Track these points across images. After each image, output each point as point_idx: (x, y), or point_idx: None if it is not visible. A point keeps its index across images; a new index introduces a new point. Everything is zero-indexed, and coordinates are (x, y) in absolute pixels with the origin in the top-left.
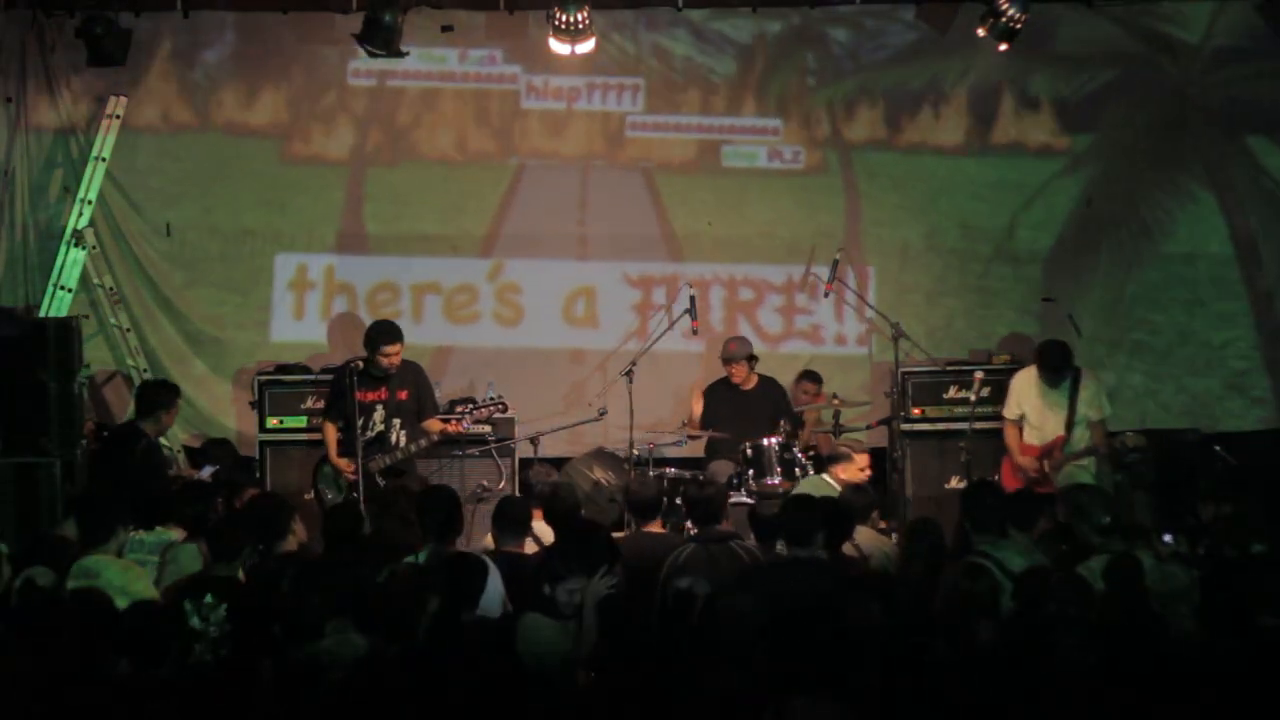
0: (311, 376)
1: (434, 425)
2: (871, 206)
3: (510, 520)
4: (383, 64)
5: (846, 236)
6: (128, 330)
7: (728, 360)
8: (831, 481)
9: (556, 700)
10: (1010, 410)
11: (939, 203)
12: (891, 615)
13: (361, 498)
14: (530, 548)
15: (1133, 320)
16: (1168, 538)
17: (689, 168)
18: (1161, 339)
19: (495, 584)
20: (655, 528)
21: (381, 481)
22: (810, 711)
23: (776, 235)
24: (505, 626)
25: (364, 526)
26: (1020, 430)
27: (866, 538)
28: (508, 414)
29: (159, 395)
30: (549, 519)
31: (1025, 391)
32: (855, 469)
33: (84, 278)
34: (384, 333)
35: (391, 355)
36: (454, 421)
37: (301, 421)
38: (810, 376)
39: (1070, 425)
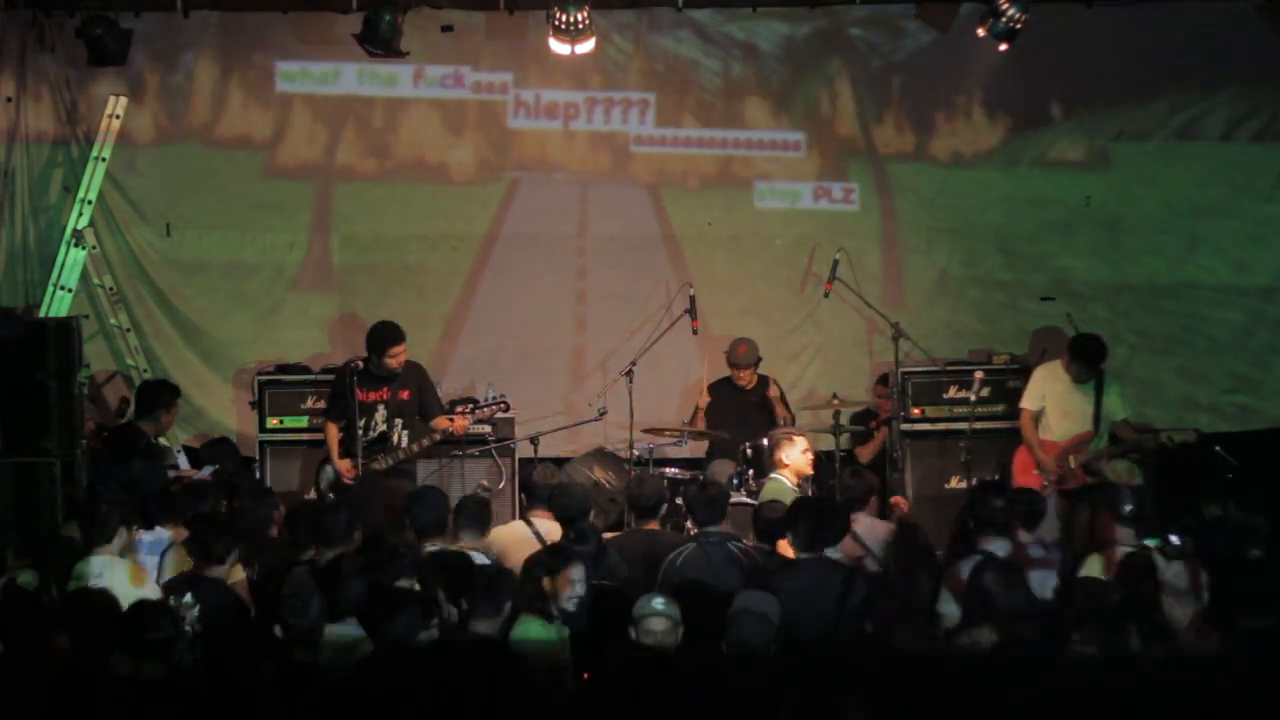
0: (312, 376)
1: (440, 423)
2: (908, 231)
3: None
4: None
5: (884, 269)
6: (128, 330)
7: (735, 365)
8: (787, 481)
9: (559, 700)
10: (1031, 401)
11: (975, 224)
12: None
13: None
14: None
15: None
16: (1175, 538)
17: (701, 183)
18: None
19: None
20: (653, 526)
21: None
22: (824, 710)
23: (801, 263)
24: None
25: (358, 527)
26: (1036, 424)
27: (868, 529)
28: (508, 414)
29: (159, 395)
30: (557, 516)
31: (1048, 385)
32: (797, 452)
33: (84, 278)
34: (389, 334)
35: (397, 356)
36: (457, 419)
37: (302, 421)
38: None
39: (1097, 423)
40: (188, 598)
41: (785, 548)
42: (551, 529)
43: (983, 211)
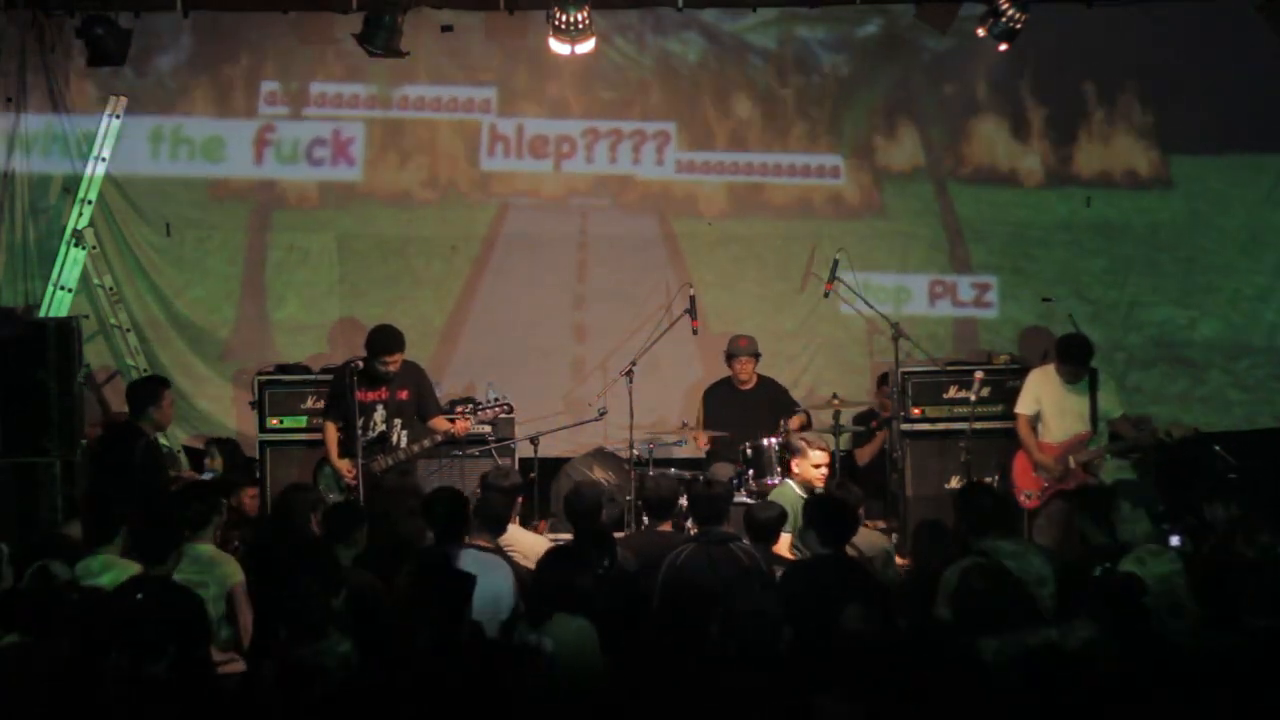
0: (312, 376)
1: (440, 424)
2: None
3: (488, 517)
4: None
5: (957, 332)
6: (128, 330)
7: (734, 355)
8: (796, 487)
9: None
10: (1026, 406)
11: (1043, 261)
12: (895, 617)
13: (362, 498)
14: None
15: None
16: (1175, 539)
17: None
18: None
19: (506, 581)
20: (667, 527)
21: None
22: (833, 711)
23: (801, 263)
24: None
25: (364, 527)
26: (1034, 428)
27: (864, 537)
28: (509, 415)
29: (145, 392)
30: (569, 517)
31: (1043, 388)
32: (809, 465)
33: (84, 278)
34: (386, 339)
35: (390, 364)
36: (459, 421)
37: (301, 421)
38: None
39: (1094, 422)
40: (139, 598)
41: (782, 549)
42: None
43: (1047, 245)
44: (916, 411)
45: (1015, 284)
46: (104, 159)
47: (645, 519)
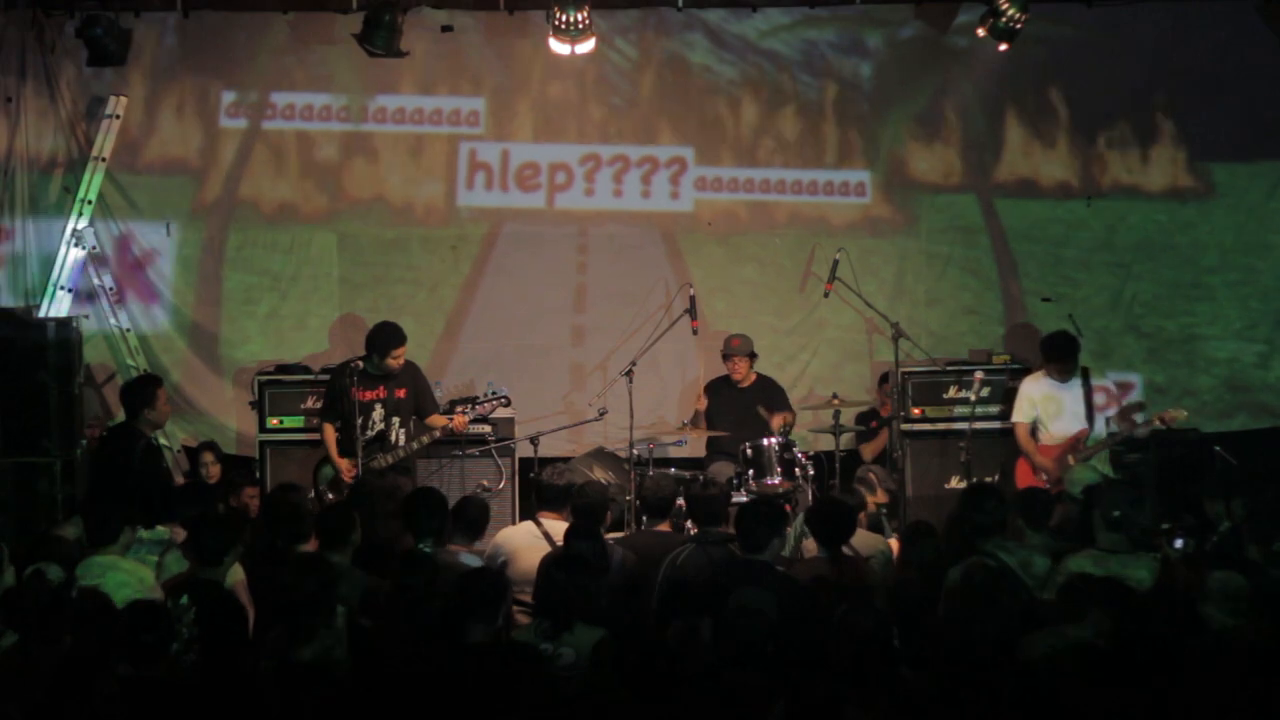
0: (311, 376)
1: (438, 421)
2: (1034, 300)
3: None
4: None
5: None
6: (128, 330)
7: (728, 355)
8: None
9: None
10: (1023, 414)
11: (1088, 285)
12: (892, 617)
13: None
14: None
15: None
16: (1179, 542)
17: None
18: None
19: None
20: (664, 527)
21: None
22: (820, 708)
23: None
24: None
25: (357, 527)
26: (1034, 432)
27: (861, 539)
28: (508, 412)
29: (139, 392)
30: (574, 514)
31: (1036, 394)
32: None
33: (84, 278)
34: (392, 335)
35: (399, 357)
36: (458, 416)
37: (301, 421)
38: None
39: (1091, 419)
40: (184, 600)
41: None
42: (561, 530)
43: (1092, 268)
44: (916, 411)
45: (1063, 311)
46: (104, 159)
47: (644, 518)
